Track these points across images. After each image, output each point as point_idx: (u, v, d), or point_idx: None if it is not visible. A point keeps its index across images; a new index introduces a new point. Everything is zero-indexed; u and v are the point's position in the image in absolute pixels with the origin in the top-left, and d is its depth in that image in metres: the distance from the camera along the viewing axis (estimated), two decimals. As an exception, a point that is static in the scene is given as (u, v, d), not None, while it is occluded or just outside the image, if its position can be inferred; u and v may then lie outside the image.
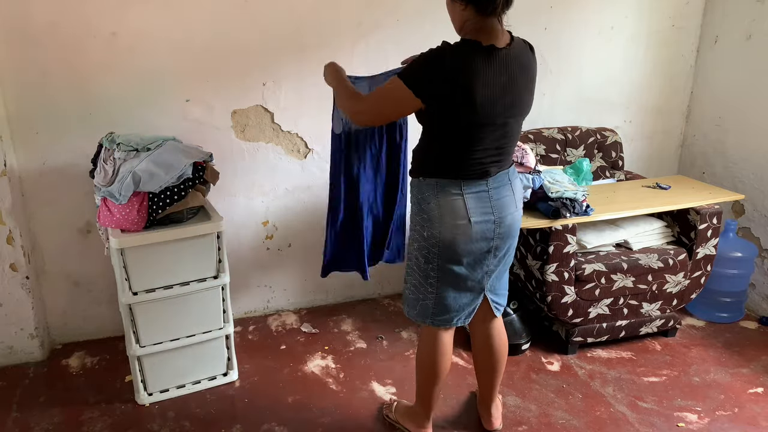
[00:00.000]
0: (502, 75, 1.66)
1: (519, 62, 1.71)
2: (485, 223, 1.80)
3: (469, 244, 1.80)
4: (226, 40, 2.54)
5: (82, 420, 2.24)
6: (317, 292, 3.09)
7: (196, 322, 2.33)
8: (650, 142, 3.36)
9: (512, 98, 1.71)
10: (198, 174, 2.22)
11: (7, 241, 2.41)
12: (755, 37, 2.93)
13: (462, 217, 1.77)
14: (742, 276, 2.91)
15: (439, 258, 1.83)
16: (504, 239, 1.86)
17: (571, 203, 2.34)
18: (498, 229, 1.82)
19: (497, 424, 2.19)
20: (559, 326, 2.69)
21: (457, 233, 1.79)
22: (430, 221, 1.81)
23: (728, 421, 2.26)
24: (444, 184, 1.78)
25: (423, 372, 2.05)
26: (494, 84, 1.65)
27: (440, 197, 1.78)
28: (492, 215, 1.81)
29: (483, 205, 1.79)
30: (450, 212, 1.78)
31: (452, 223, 1.78)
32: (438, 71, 1.63)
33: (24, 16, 2.28)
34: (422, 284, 1.91)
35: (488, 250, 1.84)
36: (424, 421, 2.12)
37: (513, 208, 1.86)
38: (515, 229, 1.89)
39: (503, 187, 1.83)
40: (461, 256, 1.82)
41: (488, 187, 1.80)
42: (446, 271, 1.85)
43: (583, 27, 3.02)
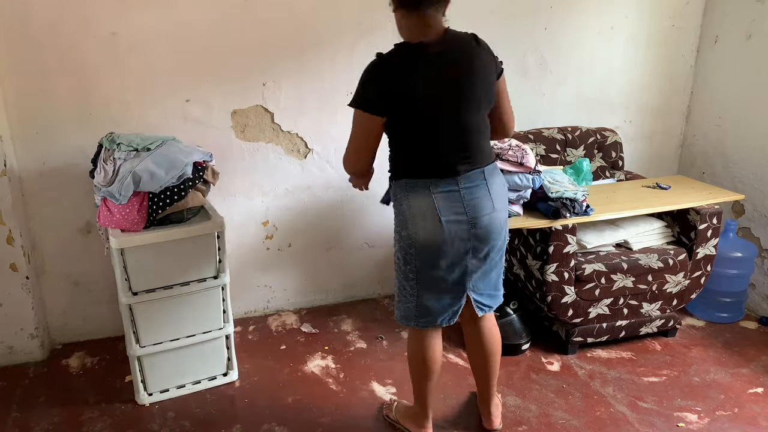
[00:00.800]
0: (434, 69, 1.70)
1: (453, 54, 1.73)
2: (457, 223, 1.78)
3: (444, 245, 1.79)
4: (226, 40, 2.54)
5: (82, 420, 2.24)
6: (317, 292, 3.09)
7: (196, 322, 2.33)
8: (650, 142, 3.36)
9: (453, 91, 1.72)
10: (198, 174, 2.22)
11: (7, 241, 2.41)
12: (755, 37, 2.93)
13: (432, 217, 1.78)
14: (742, 276, 2.91)
15: (416, 258, 1.84)
16: (482, 240, 1.83)
17: (571, 203, 2.34)
18: (473, 229, 1.80)
19: (497, 423, 2.18)
20: (559, 326, 2.69)
21: (428, 233, 1.79)
22: (405, 221, 1.83)
23: (728, 421, 2.26)
24: (413, 184, 1.80)
25: (414, 372, 2.05)
26: (427, 79, 1.70)
27: (410, 197, 1.80)
28: (465, 215, 1.79)
29: (454, 205, 1.78)
30: (420, 212, 1.79)
31: (423, 223, 1.79)
32: (377, 84, 1.71)
33: (24, 16, 2.28)
34: (404, 286, 1.91)
35: (466, 251, 1.82)
36: (424, 421, 2.11)
37: (489, 208, 1.82)
38: (495, 230, 1.84)
39: (477, 187, 1.81)
40: (437, 257, 1.81)
41: (459, 187, 1.78)
42: (424, 272, 1.85)
43: (583, 27, 3.02)
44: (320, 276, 3.05)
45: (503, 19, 2.89)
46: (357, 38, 2.70)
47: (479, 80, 1.77)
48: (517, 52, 2.96)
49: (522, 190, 2.37)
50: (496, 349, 2.08)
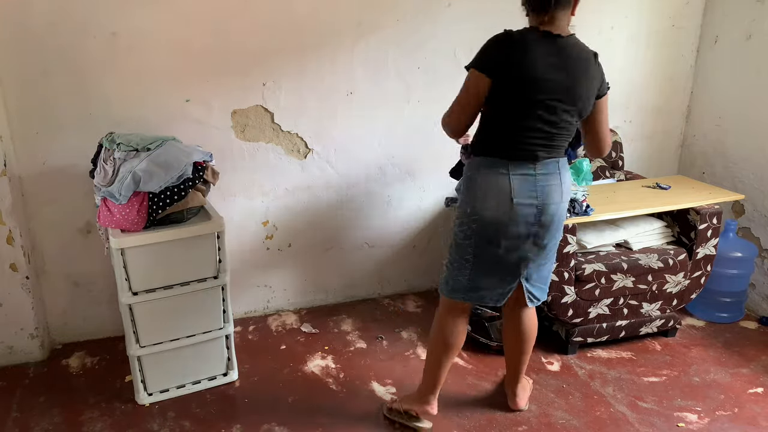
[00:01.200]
0: (556, 57, 1.78)
1: (574, 51, 1.82)
2: (528, 207, 1.85)
3: (509, 226, 1.86)
4: (226, 40, 2.54)
5: (82, 420, 2.24)
6: (317, 292, 3.09)
7: (196, 322, 2.32)
8: (650, 142, 3.36)
9: (563, 83, 1.79)
10: (198, 174, 2.22)
11: (7, 241, 2.41)
12: (755, 37, 2.93)
13: (505, 196, 1.84)
14: (742, 276, 2.91)
15: (478, 236, 1.90)
16: (546, 228, 1.90)
17: (571, 203, 2.34)
18: (540, 216, 1.87)
19: (522, 404, 2.28)
20: (559, 326, 2.69)
21: (498, 212, 1.85)
22: (474, 198, 1.89)
23: (728, 421, 2.26)
24: (492, 163, 1.86)
25: (437, 346, 2.10)
26: (545, 63, 1.77)
27: (488, 175, 1.87)
28: (536, 200, 1.86)
29: (528, 189, 1.85)
30: (494, 191, 1.85)
31: (495, 202, 1.85)
32: (498, 48, 1.79)
33: (24, 16, 2.28)
34: (459, 261, 1.97)
35: (527, 236, 1.89)
36: (430, 397, 2.16)
37: (558, 197, 1.89)
38: (558, 220, 1.93)
39: (551, 175, 1.88)
40: (500, 237, 1.88)
41: (536, 172, 1.86)
42: (483, 249, 1.91)
43: (583, 27, 3.00)
44: (320, 276, 3.05)
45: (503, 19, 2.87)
46: (357, 38, 2.70)
47: (585, 87, 1.84)
48: (517, 52, 2.95)
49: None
50: (531, 338, 2.18)
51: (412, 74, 2.81)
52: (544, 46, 1.78)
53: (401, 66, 2.80)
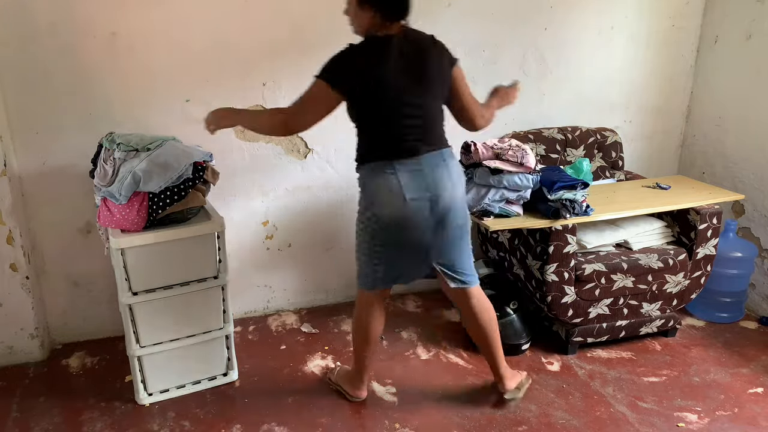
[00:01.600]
0: (398, 56, 1.87)
1: (415, 45, 1.91)
2: (421, 200, 1.93)
3: (407, 222, 1.94)
4: (226, 40, 2.54)
5: (82, 420, 2.24)
6: (317, 292, 3.09)
7: (196, 322, 2.33)
8: (650, 142, 3.36)
9: (415, 77, 1.89)
10: (198, 174, 2.22)
11: (7, 241, 2.41)
12: (755, 37, 2.93)
13: (396, 195, 1.92)
14: (742, 276, 2.91)
15: (379, 234, 1.99)
16: (444, 216, 1.97)
17: (570, 203, 2.34)
18: (435, 206, 1.94)
19: (511, 386, 2.29)
20: (559, 326, 2.69)
21: (394, 210, 1.93)
22: (370, 201, 1.98)
23: (728, 421, 2.26)
24: (379, 166, 1.94)
25: (357, 337, 2.24)
26: (393, 66, 1.86)
27: (377, 178, 1.94)
28: (428, 192, 1.93)
29: (417, 183, 1.92)
30: (385, 191, 1.93)
31: (387, 201, 1.93)
32: (346, 63, 1.87)
33: (24, 16, 2.28)
34: (366, 257, 2.07)
35: (427, 228, 1.96)
36: (360, 384, 2.31)
37: (450, 185, 1.96)
38: (455, 207, 1.98)
39: (438, 168, 1.95)
40: (401, 234, 1.97)
41: (422, 166, 1.93)
42: (388, 248, 2.01)
43: (583, 27, 3.02)
44: (320, 276, 3.05)
45: (503, 19, 2.89)
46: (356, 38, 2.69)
47: (437, 71, 1.94)
48: (517, 52, 2.96)
49: (522, 190, 2.37)
50: (489, 317, 2.21)
51: (412, 74, 2.81)
52: (390, 50, 1.86)
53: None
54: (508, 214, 2.38)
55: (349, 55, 1.87)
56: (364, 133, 1.99)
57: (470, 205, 2.38)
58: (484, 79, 2.94)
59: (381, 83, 1.86)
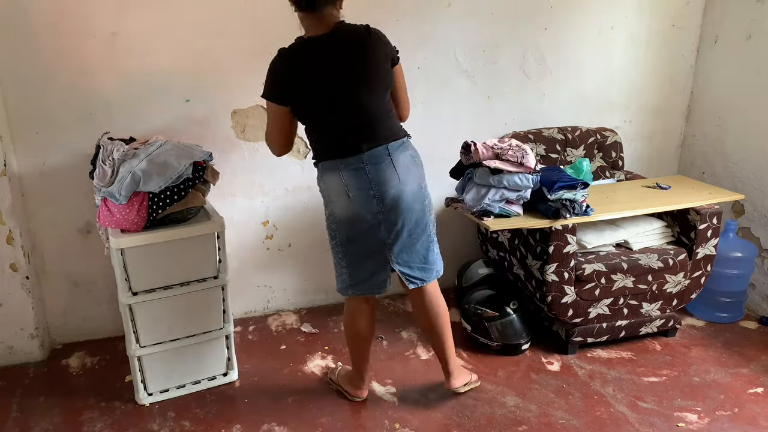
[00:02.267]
0: (325, 58, 1.86)
1: (344, 39, 1.89)
2: (364, 197, 1.95)
3: (356, 218, 1.97)
4: (226, 40, 2.54)
5: (82, 420, 2.24)
6: (317, 292, 3.09)
7: (196, 322, 2.33)
8: (650, 142, 3.36)
9: (345, 76, 1.88)
10: (198, 174, 2.22)
11: (7, 241, 2.41)
12: (755, 37, 2.93)
13: (342, 193, 1.96)
14: (742, 276, 2.91)
15: (338, 233, 2.04)
16: (392, 212, 1.97)
17: (570, 203, 2.34)
18: (382, 201, 1.95)
19: (455, 383, 2.32)
20: (559, 326, 2.69)
21: (343, 208, 1.98)
22: (326, 200, 2.04)
23: (728, 421, 2.26)
24: (327, 166, 1.98)
25: (349, 340, 2.27)
26: (319, 68, 1.86)
27: (325, 177, 2.00)
28: (371, 190, 1.94)
29: (359, 180, 1.94)
30: (334, 189, 1.97)
31: (337, 199, 1.98)
32: (277, 77, 1.90)
33: (24, 16, 2.28)
34: (336, 259, 2.11)
35: (378, 223, 1.98)
36: (360, 383, 2.32)
37: (396, 181, 1.95)
38: (406, 202, 1.97)
39: (382, 163, 1.94)
40: (354, 230, 2.00)
41: (364, 163, 1.93)
42: (348, 244, 2.04)
43: (583, 27, 3.02)
44: (320, 276, 3.05)
45: (503, 19, 2.89)
46: (357, 38, 2.70)
47: (372, 65, 1.92)
48: (517, 52, 2.96)
49: (522, 190, 2.37)
50: (440, 311, 2.21)
51: (412, 74, 2.80)
52: (315, 54, 1.86)
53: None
54: (508, 214, 2.38)
55: (277, 66, 1.90)
56: (311, 135, 2.02)
57: (470, 205, 2.39)
58: (484, 79, 2.95)
59: (311, 89, 1.88)
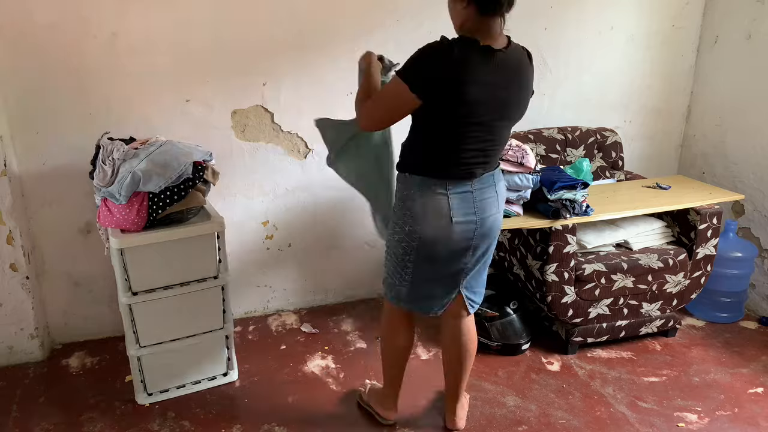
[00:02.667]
0: (496, 75, 1.68)
1: (514, 66, 1.73)
2: (467, 223, 1.82)
3: (449, 243, 1.83)
4: (226, 40, 2.54)
5: (82, 420, 2.24)
6: (317, 292, 3.09)
7: (196, 322, 2.32)
8: (650, 142, 3.36)
9: (503, 101, 1.73)
10: (198, 174, 2.22)
11: (7, 241, 2.41)
12: (755, 37, 2.93)
13: (444, 216, 1.80)
14: (742, 276, 2.91)
15: (418, 252, 1.86)
16: (484, 239, 1.89)
17: (570, 203, 2.34)
18: (479, 230, 1.85)
19: (460, 425, 2.19)
20: (559, 326, 2.69)
21: (438, 232, 1.81)
22: (413, 218, 1.82)
23: (728, 421, 2.26)
24: (430, 183, 1.79)
25: (386, 351, 2.13)
26: (486, 83, 1.66)
27: (425, 195, 1.79)
28: (474, 216, 1.83)
29: (466, 206, 1.81)
30: (433, 211, 1.80)
31: (435, 222, 1.80)
32: (434, 66, 1.63)
33: (24, 16, 2.28)
34: (399, 272, 1.94)
35: (467, 249, 1.87)
36: (390, 403, 2.19)
37: (495, 209, 1.88)
38: (495, 230, 1.91)
39: (487, 189, 1.85)
40: (440, 254, 1.85)
41: (473, 188, 1.82)
42: (423, 265, 1.88)
43: (583, 27, 3.02)
44: (320, 276, 3.05)
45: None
46: (357, 38, 2.70)
47: (523, 98, 1.80)
48: (517, 52, 2.95)
49: (522, 190, 2.37)
50: (473, 348, 2.10)
51: (412, 74, 2.81)
52: (483, 65, 1.65)
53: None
54: (508, 214, 2.38)
55: (437, 52, 1.62)
56: (426, 143, 1.78)
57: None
58: (484, 79, 2.95)
59: (463, 97, 1.64)
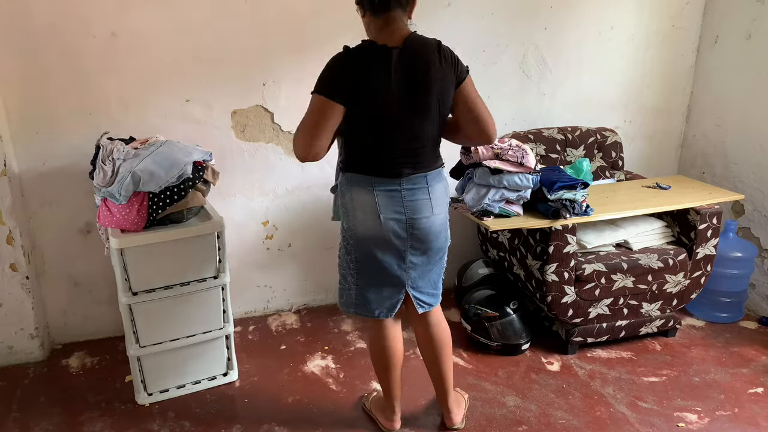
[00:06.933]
0: (397, 72, 1.73)
1: (416, 59, 1.75)
2: (396, 222, 1.84)
3: (382, 241, 1.86)
4: (226, 40, 2.54)
5: (82, 420, 2.24)
6: (317, 292, 3.09)
7: (196, 322, 2.33)
8: (650, 142, 3.36)
9: (409, 95, 1.75)
10: (198, 174, 2.22)
11: (7, 241, 2.41)
12: (755, 37, 2.93)
13: (372, 213, 1.84)
14: (742, 276, 2.91)
15: (356, 250, 1.90)
16: (420, 241, 1.88)
17: (570, 203, 2.34)
18: (411, 230, 1.86)
19: (457, 421, 2.18)
20: (559, 326, 2.69)
21: (368, 228, 1.85)
22: (346, 214, 1.89)
23: (728, 421, 2.26)
24: (358, 180, 1.85)
25: (375, 362, 2.10)
26: (387, 80, 1.73)
27: (353, 191, 1.86)
28: (403, 215, 1.85)
29: (394, 204, 1.84)
30: (362, 206, 1.85)
31: (363, 218, 1.85)
32: (338, 72, 1.75)
33: (24, 16, 2.28)
34: (345, 275, 1.98)
35: (404, 249, 1.88)
36: (391, 414, 2.16)
37: (428, 211, 1.87)
38: (433, 232, 1.89)
39: (419, 190, 1.86)
40: (375, 251, 1.88)
41: (401, 188, 1.84)
42: (363, 263, 1.91)
43: (583, 27, 3.02)
44: (320, 276, 3.05)
45: (503, 19, 2.89)
46: (357, 38, 2.69)
47: (436, 90, 1.78)
48: (517, 52, 2.96)
49: (522, 190, 2.37)
50: (445, 342, 2.08)
51: (412, 74, 2.81)
52: (381, 63, 1.72)
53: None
54: (508, 214, 2.38)
55: (345, 61, 1.74)
56: (351, 142, 1.87)
57: (470, 205, 2.39)
58: (484, 79, 2.95)
59: (372, 97, 1.73)
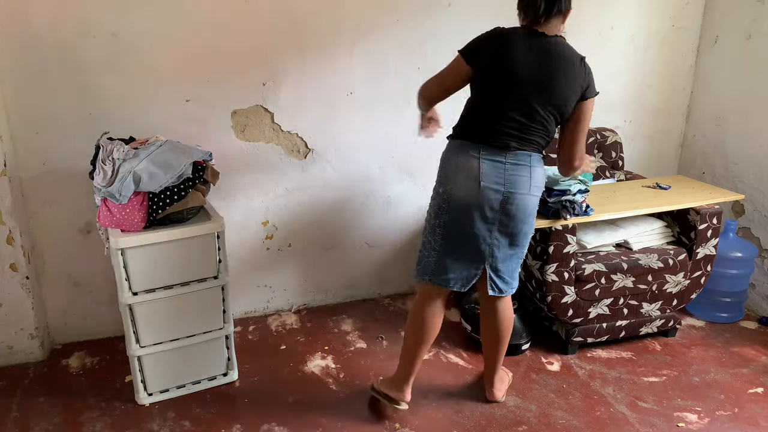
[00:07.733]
0: (533, 52, 1.88)
1: (556, 49, 1.90)
2: (494, 192, 1.93)
3: (475, 208, 1.94)
4: (226, 40, 2.54)
5: (82, 420, 2.24)
6: (317, 292, 3.09)
7: (196, 322, 2.33)
8: (650, 142, 3.36)
9: (539, 76, 1.88)
10: (198, 174, 2.22)
11: (7, 241, 2.41)
12: (755, 37, 2.93)
13: (474, 179, 1.93)
14: (742, 276, 2.91)
15: (447, 214, 1.99)
16: (511, 217, 1.97)
17: (570, 204, 2.34)
18: (506, 204, 1.94)
19: (499, 396, 2.32)
20: (559, 326, 2.69)
21: (467, 192, 1.94)
22: (446, 177, 2.00)
23: (728, 421, 2.26)
24: (466, 146, 1.97)
25: (411, 332, 2.17)
26: (523, 58, 1.88)
27: (460, 157, 1.97)
28: (502, 187, 1.93)
29: (497, 174, 1.93)
30: (464, 171, 1.95)
31: (464, 183, 1.94)
32: (483, 42, 1.95)
33: (24, 16, 2.28)
34: (429, 241, 2.07)
35: (493, 221, 1.96)
36: (403, 385, 2.22)
37: (526, 189, 1.96)
38: (524, 211, 1.98)
39: (521, 167, 1.95)
40: (466, 218, 1.96)
41: (505, 160, 1.94)
42: (450, 228, 2.00)
43: (583, 27, 3.02)
44: (320, 276, 3.05)
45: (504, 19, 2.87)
46: (357, 38, 2.70)
47: (562, 86, 1.91)
48: (517, 52, 2.96)
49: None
50: (507, 329, 2.22)
51: (411, 74, 2.81)
52: (525, 42, 1.89)
53: (401, 66, 2.80)
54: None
55: (493, 34, 1.95)
56: (469, 108, 2.02)
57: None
58: (484, 79, 2.95)
59: (502, 67, 1.89)
